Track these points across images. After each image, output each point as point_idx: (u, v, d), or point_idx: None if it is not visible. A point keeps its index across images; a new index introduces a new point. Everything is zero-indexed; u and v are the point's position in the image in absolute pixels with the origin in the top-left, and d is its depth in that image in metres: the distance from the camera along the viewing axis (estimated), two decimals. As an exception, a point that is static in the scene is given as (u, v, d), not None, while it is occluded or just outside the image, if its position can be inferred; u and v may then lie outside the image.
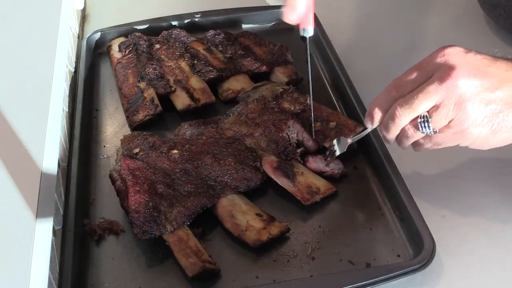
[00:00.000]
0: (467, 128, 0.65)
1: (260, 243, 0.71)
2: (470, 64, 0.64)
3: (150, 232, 0.71)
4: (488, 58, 0.65)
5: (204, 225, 0.75)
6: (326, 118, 0.85)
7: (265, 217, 0.74)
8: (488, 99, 0.64)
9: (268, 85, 0.92)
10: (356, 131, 0.82)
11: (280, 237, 0.72)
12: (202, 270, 0.68)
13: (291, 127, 0.83)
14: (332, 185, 0.78)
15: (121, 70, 0.98)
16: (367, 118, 0.73)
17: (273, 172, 0.78)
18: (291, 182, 0.77)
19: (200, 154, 0.80)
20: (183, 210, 0.73)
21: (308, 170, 0.79)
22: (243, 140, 0.82)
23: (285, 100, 0.88)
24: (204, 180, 0.77)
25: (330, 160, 0.80)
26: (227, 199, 0.76)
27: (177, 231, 0.72)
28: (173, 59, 0.99)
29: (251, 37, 1.03)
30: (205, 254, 0.70)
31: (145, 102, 0.90)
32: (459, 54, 0.65)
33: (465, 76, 0.63)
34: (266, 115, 0.85)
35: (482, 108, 0.64)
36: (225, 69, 0.96)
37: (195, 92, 0.92)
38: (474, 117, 0.64)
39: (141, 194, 0.74)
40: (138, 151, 0.80)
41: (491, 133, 0.66)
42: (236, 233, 0.73)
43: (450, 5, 1.16)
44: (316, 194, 0.76)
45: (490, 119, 0.65)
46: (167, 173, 0.77)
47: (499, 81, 0.64)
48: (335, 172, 0.80)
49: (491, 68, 0.64)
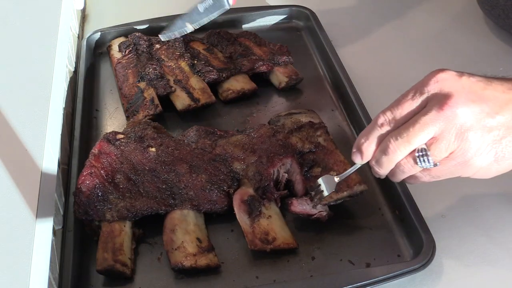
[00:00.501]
0: (470, 158, 0.61)
1: (180, 267, 0.68)
2: (466, 89, 0.60)
3: (89, 214, 0.72)
4: (483, 80, 0.62)
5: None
6: (330, 166, 0.77)
7: (205, 244, 0.71)
8: (490, 125, 0.60)
9: (303, 115, 0.85)
10: (354, 190, 0.74)
11: (206, 270, 0.69)
12: (109, 268, 0.68)
13: (286, 165, 0.77)
14: (294, 241, 0.71)
15: (121, 70, 0.98)
16: (355, 153, 0.67)
17: (239, 204, 0.74)
18: (250, 221, 0.72)
19: (178, 160, 0.78)
20: (129, 206, 0.73)
21: (279, 217, 0.74)
22: (231, 162, 0.78)
23: (296, 135, 0.81)
24: (169, 186, 0.76)
25: (317, 201, 0.72)
26: (181, 213, 0.74)
27: (114, 223, 0.72)
28: (173, 59, 0.99)
29: (251, 37, 1.03)
30: (123, 255, 0.69)
31: (145, 102, 0.90)
32: (453, 78, 0.61)
33: (464, 104, 0.59)
34: (267, 145, 0.79)
35: (485, 136, 0.60)
36: (225, 69, 0.96)
37: (195, 92, 0.92)
38: (477, 147, 0.60)
39: (92, 177, 0.74)
40: (122, 137, 0.80)
41: (494, 161, 0.62)
42: (166, 248, 0.71)
43: (450, 5, 1.16)
44: (268, 243, 0.70)
45: (493, 146, 0.61)
46: (135, 167, 0.77)
47: (498, 105, 0.60)
48: (323, 215, 0.73)
49: (488, 91, 0.61)
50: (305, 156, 0.79)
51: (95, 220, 0.73)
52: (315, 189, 0.72)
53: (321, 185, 0.71)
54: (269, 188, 0.75)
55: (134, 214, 0.73)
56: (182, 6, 1.15)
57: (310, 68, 1.02)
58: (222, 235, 0.74)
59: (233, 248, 0.73)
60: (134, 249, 0.72)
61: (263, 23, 1.13)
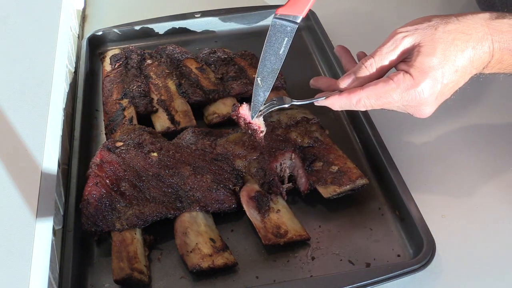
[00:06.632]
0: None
1: (198, 269, 0.68)
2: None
3: (98, 225, 0.72)
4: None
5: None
6: (331, 161, 0.79)
7: (219, 244, 0.71)
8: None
9: (295, 110, 0.87)
10: (356, 183, 0.76)
11: (224, 269, 0.69)
12: (127, 277, 0.67)
13: (288, 159, 0.78)
14: (306, 232, 0.72)
15: (108, 85, 0.95)
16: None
17: (247, 201, 0.74)
18: (260, 217, 0.73)
19: (181, 163, 0.78)
20: (138, 213, 0.73)
21: (288, 210, 0.75)
22: (232, 161, 0.79)
23: (295, 130, 0.83)
24: (175, 189, 0.76)
25: (263, 113, 0.75)
26: (190, 215, 0.74)
27: (124, 232, 0.72)
28: (162, 77, 0.96)
29: (247, 58, 0.99)
30: (139, 263, 0.69)
31: (123, 121, 0.87)
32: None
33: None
34: (267, 140, 0.79)
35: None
36: (213, 91, 0.92)
37: (177, 115, 0.89)
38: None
39: (98, 187, 0.74)
40: (121, 145, 0.80)
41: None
42: (181, 251, 0.70)
43: (450, 5, 1.16)
44: (281, 237, 0.71)
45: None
46: (139, 174, 0.77)
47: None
48: (260, 129, 0.75)
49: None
50: (306, 151, 0.80)
51: (104, 230, 0.72)
52: (267, 103, 0.75)
53: (275, 100, 0.75)
54: (275, 182, 0.76)
55: (144, 220, 0.73)
56: (182, 7, 1.16)
57: (310, 68, 1.02)
58: (221, 236, 0.74)
59: (233, 248, 0.73)
60: (147, 256, 0.72)
61: (263, 23, 1.13)
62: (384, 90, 0.69)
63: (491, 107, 0.92)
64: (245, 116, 0.75)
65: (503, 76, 0.73)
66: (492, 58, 0.69)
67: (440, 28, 0.68)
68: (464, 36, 0.67)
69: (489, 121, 0.90)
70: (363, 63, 0.71)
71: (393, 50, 0.69)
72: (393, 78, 0.68)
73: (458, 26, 0.68)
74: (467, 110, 0.91)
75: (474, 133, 0.88)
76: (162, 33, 1.10)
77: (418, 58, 0.67)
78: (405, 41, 0.69)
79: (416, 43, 0.68)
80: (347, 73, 0.73)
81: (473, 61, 0.68)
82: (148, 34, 1.09)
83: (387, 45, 0.70)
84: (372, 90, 0.69)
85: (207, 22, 1.11)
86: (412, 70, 0.67)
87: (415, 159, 0.84)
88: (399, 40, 0.69)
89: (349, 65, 0.77)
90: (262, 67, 0.72)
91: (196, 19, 1.10)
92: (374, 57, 0.70)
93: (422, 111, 0.71)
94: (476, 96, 0.93)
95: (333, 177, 0.77)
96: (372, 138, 0.82)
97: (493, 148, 0.85)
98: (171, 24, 1.10)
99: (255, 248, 0.73)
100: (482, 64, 0.69)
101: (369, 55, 0.72)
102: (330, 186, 0.76)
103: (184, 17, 1.10)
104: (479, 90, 0.94)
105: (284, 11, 0.71)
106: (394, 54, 0.70)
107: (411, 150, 0.85)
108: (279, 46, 0.71)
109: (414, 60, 0.68)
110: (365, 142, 0.85)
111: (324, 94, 0.75)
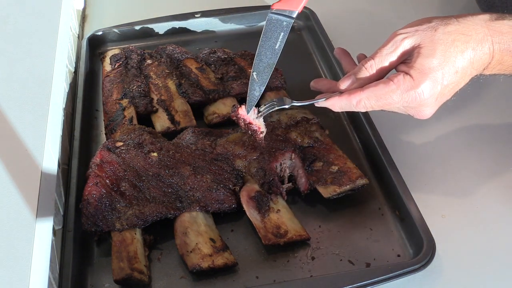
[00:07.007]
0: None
1: (198, 269, 0.68)
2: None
3: (98, 225, 0.72)
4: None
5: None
6: (331, 161, 0.79)
7: (219, 244, 0.71)
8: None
9: (295, 110, 0.87)
10: (356, 183, 0.76)
11: (224, 269, 0.69)
12: (127, 277, 0.67)
13: (288, 159, 0.78)
14: (306, 232, 0.72)
15: (107, 85, 0.95)
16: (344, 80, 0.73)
17: (247, 201, 0.74)
18: (260, 217, 0.73)
19: (181, 163, 0.78)
20: (138, 213, 0.73)
21: (288, 211, 0.75)
22: (232, 161, 0.79)
23: (295, 130, 0.83)
24: (175, 189, 0.76)
25: (262, 114, 0.75)
26: (190, 215, 0.74)
27: (124, 232, 0.72)
28: (162, 77, 0.96)
29: (247, 58, 0.99)
30: (139, 263, 0.69)
31: (123, 121, 0.87)
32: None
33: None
34: (267, 140, 0.79)
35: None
36: (213, 91, 0.92)
37: (177, 115, 0.89)
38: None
39: (98, 187, 0.74)
40: (121, 145, 0.80)
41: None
42: (181, 251, 0.70)
43: (450, 5, 1.16)
44: (281, 237, 0.71)
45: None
46: (139, 174, 0.77)
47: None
48: (261, 129, 0.75)
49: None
50: (306, 151, 0.80)
51: (104, 230, 0.72)
52: (267, 103, 0.75)
53: (275, 101, 0.75)
54: (274, 182, 0.77)
55: (144, 220, 0.73)
56: (182, 7, 1.16)
57: (310, 68, 1.02)
58: (221, 236, 0.74)
59: (233, 248, 0.72)
60: (147, 256, 0.72)
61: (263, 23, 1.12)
62: (384, 91, 0.69)
63: (491, 108, 0.92)
64: (244, 117, 0.75)
65: (503, 77, 0.73)
66: (492, 59, 0.69)
67: (440, 29, 0.68)
68: (464, 37, 0.68)
69: (489, 122, 0.90)
70: (363, 64, 0.71)
71: (393, 52, 0.69)
72: (393, 79, 0.68)
73: (458, 28, 0.68)
74: (467, 111, 0.91)
75: (474, 133, 0.88)
76: (162, 33, 1.10)
77: (418, 59, 0.67)
78: (405, 42, 0.69)
79: (416, 44, 0.68)
80: (347, 75, 0.73)
81: (473, 62, 0.68)
82: (148, 34, 1.09)
83: (387, 47, 0.70)
84: (372, 91, 0.69)
85: (207, 22, 1.11)
86: (412, 71, 0.68)
87: (415, 159, 0.84)
88: (399, 41, 0.69)
89: (349, 67, 0.77)
90: (258, 62, 0.72)
91: (196, 19, 1.10)
92: (374, 58, 0.70)
93: (422, 112, 0.71)
94: (476, 97, 0.93)
95: (333, 177, 0.77)
96: (372, 138, 0.82)
97: (493, 148, 0.85)
98: (171, 24, 1.10)
99: (255, 248, 0.73)
100: (482, 65, 0.69)
101: (369, 56, 0.72)
102: (330, 186, 0.76)
103: (184, 17, 1.10)
104: (479, 91, 0.94)
105: (280, 6, 0.71)
106: (394, 55, 0.70)
107: (411, 150, 0.86)
108: (275, 41, 0.72)
109: (414, 62, 0.68)
110: (365, 142, 0.85)
111: (325, 95, 0.75)
